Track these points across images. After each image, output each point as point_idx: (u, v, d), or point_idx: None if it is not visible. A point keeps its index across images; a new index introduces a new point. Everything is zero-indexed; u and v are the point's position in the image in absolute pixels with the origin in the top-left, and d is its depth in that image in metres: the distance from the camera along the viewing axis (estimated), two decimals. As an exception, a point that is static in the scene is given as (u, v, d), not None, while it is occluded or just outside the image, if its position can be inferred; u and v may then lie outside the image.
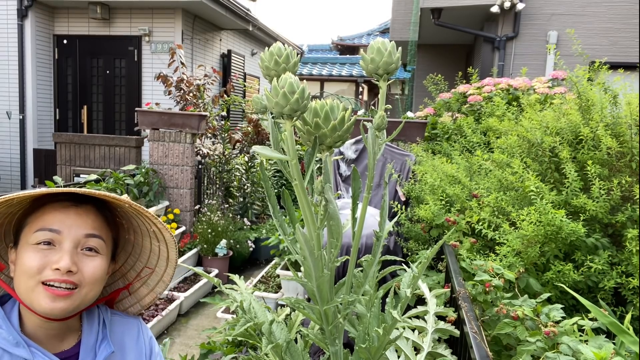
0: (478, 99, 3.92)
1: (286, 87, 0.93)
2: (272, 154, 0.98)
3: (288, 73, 0.97)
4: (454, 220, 2.27)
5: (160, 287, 1.07)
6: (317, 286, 1.10)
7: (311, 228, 1.05)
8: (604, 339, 1.34)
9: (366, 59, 1.09)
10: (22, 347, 0.84)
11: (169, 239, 0.98)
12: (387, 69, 1.07)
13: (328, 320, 1.14)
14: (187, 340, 3.62)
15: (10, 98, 7.47)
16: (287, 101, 0.93)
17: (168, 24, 7.39)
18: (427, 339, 1.53)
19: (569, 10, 6.42)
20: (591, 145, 2.09)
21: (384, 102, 1.11)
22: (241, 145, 6.01)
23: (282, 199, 1.09)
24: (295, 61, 1.06)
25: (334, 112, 1.01)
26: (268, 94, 0.96)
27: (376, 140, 1.09)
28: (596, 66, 2.49)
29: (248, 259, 5.31)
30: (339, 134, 1.00)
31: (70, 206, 0.90)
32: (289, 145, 0.98)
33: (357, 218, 1.12)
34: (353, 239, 1.13)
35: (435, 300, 1.64)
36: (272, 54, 1.05)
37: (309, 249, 1.06)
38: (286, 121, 0.96)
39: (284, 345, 1.21)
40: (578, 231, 1.77)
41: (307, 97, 0.95)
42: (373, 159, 1.10)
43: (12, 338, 0.84)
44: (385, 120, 1.09)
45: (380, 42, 1.08)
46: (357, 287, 1.16)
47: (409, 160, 3.20)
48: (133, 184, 4.67)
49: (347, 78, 15.38)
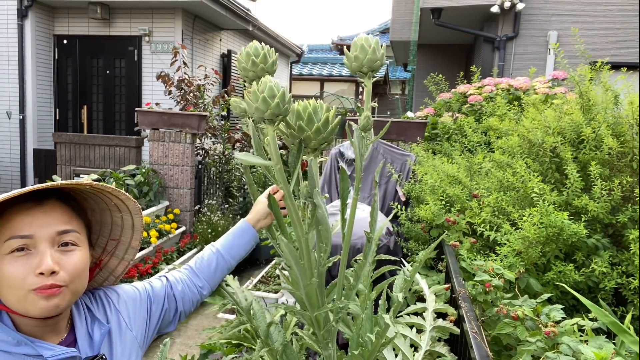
0: (478, 99, 3.92)
1: (266, 91, 0.90)
2: (255, 160, 0.95)
3: (267, 76, 0.94)
4: (454, 221, 2.27)
5: (130, 254, 1.09)
6: (305, 294, 1.08)
7: (299, 233, 1.02)
8: (604, 339, 1.34)
9: (350, 57, 1.05)
10: (24, 345, 0.84)
11: (132, 207, 1.00)
12: (371, 66, 1.04)
13: (320, 325, 1.13)
14: (187, 340, 3.61)
15: (10, 98, 7.46)
16: (267, 106, 0.90)
17: (168, 24, 7.39)
18: (426, 337, 1.52)
19: (569, 10, 6.41)
20: (592, 146, 2.09)
21: (369, 100, 1.07)
22: (241, 145, 6.01)
23: (269, 203, 1.05)
24: (274, 60, 1.02)
25: (317, 113, 0.97)
26: (248, 99, 0.93)
27: (363, 141, 1.06)
28: (598, 66, 2.49)
29: (248, 259, 5.31)
30: (323, 136, 0.96)
31: (34, 206, 0.87)
32: (272, 150, 0.95)
33: (346, 219, 1.09)
34: (342, 240, 1.11)
35: (434, 296, 1.63)
36: (248, 55, 1.01)
37: (294, 258, 1.03)
38: (267, 126, 0.93)
39: (280, 349, 1.19)
40: (580, 232, 1.77)
41: (289, 100, 0.92)
42: (360, 160, 1.06)
43: (12, 339, 0.84)
44: (371, 121, 1.06)
45: (364, 39, 1.04)
46: (348, 290, 1.13)
47: (409, 160, 3.20)
48: (133, 184, 4.67)
49: (347, 78, 15.38)
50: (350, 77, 15.30)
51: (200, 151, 5.50)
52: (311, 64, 16.23)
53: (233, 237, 1.25)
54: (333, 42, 18.86)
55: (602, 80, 2.38)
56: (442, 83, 4.59)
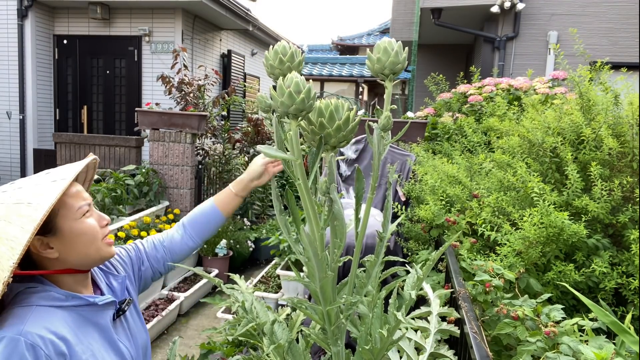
0: (479, 99, 3.92)
1: (292, 86, 0.92)
2: (277, 153, 0.97)
3: (294, 72, 0.96)
4: (454, 221, 2.27)
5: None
6: (320, 287, 1.09)
7: (315, 228, 1.04)
8: (604, 339, 1.34)
9: (372, 59, 1.08)
10: (71, 299, 1.01)
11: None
12: (393, 69, 1.06)
13: (330, 320, 1.14)
14: (187, 340, 3.61)
15: (10, 98, 7.47)
16: (292, 101, 0.92)
17: (168, 24, 7.39)
18: (430, 340, 1.53)
19: (569, 10, 6.41)
20: (592, 146, 2.09)
21: (389, 102, 1.09)
22: (241, 145, 6.01)
23: (285, 198, 1.08)
24: (300, 60, 1.05)
25: (338, 112, 0.99)
26: (274, 93, 0.95)
27: (381, 141, 1.08)
28: (598, 66, 2.49)
29: (248, 259, 5.31)
30: (343, 134, 0.99)
31: (73, 181, 1.07)
32: (293, 145, 0.97)
33: (360, 218, 1.11)
34: (356, 239, 1.12)
35: (438, 300, 1.63)
36: (276, 53, 1.04)
37: (313, 250, 1.05)
38: (291, 121, 0.95)
39: (285, 346, 1.21)
40: (580, 232, 1.77)
41: (313, 97, 0.94)
42: (378, 159, 1.08)
43: (62, 295, 1.01)
44: (391, 121, 1.08)
45: (387, 42, 1.07)
46: (359, 288, 1.15)
47: (409, 160, 3.20)
48: (133, 184, 4.67)
49: (347, 78, 15.38)
50: (350, 77, 15.30)
51: (200, 151, 5.50)
52: (311, 64, 16.23)
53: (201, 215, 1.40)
54: (333, 42, 18.86)
55: (602, 80, 2.38)
56: (442, 83, 4.59)
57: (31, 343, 0.89)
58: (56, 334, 0.94)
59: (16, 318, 0.94)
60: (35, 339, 0.90)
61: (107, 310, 1.07)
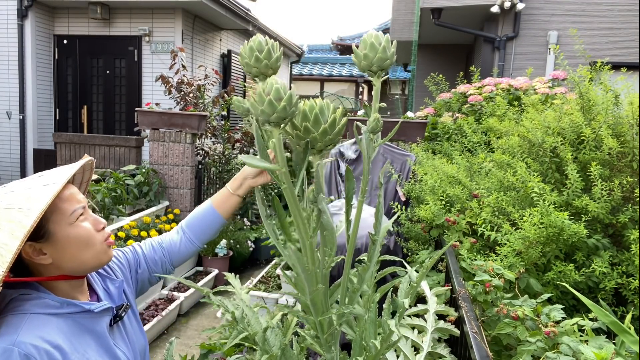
0: (478, 99, 3.92)
1: (272, 93, 0.85)
2: (260, 163, 0.92)
3: (274, 77, 0.90)
4: (454, 221, 2.27)
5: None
6: (311, 300, 1.06)
7: (304, 236, 1.00)
8: (604, 339, 1.34)
9: (359, 55, 1.00)
10: (66, 306, 0.99)
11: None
12: (381, 65, 0.98)
13: (323, 329, 1.11)
14: (187, 340, 3.61)
15: (10, 98, 7.46)
16: (273, 109, 0.86)
17: (168, 24, 7.39)
18: (427, 339, 1.52)
19: (569, 10, 6.41)
20: (592, 146, 2.08)
21: (377, 100, 1.02)
22: (241, 145, 6.01)
23: (272, 204, 1.03)
24: (278, 56, 0.97)
25: (324, 114, 0.93)
26: (253, 101, 0.89)
27: (371, 144, 1.02)
28: (598, 66, 2.49)
29: (248, 259, 5.31)
30: (330, 137, 0.93)
31: (70, 182, 1.04)
32: (277, 153, 0.92)
33: (351, 220, 1.06)
34: (347, 242, 1.08)
35: (435, 298, 1.63)
36: (252, 50, 0.96)
37: (302, 265, 1.01)
38: (273, 129, 0.89)
39: (278, 354, 1.17)
40: (580, 232, 1.77)
41: (295, 103, 0.88)
42: (368, 162, 1.03)
43: (57, 302, 0.98)
44: (380, 123, 1.01)
45: (374, 37, 0.99)
46: (352, 293, 1.11)
47: (409, 160, 3.20)
48: (133, 184, 4.67)
49: (347, 78, 15.38)
50: (350, 77, 15.30)
51: (200, 151, 5.50)
52: (311, 64, 16.23)
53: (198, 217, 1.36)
54: (333, 42, 18.84)
55: (602, 80, 2.38)
56: (442, 83, 4.59)
57: (25, 353, 0.88)
58: (51, 342, 0.92)
59: (10, 327, 0.92)
60: (29, 349, 0.88)
61: (104, 316, 1.05)
